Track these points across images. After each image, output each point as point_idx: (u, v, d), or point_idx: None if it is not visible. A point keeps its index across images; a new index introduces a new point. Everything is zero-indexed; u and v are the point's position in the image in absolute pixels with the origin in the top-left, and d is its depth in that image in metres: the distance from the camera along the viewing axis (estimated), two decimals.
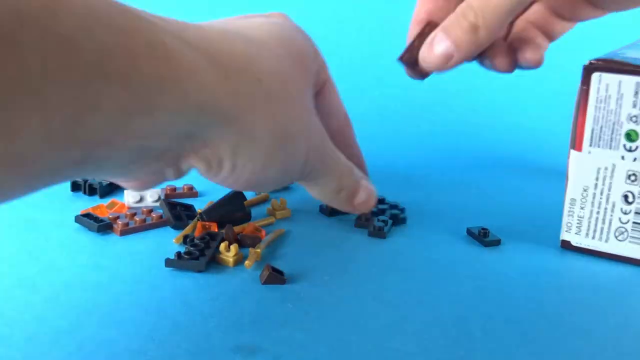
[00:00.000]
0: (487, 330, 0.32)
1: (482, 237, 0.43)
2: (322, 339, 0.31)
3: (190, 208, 0.46)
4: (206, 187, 0.53)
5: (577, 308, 0.35)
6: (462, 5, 0.36)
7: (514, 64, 0.39)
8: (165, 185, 0.51)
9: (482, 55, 0.38)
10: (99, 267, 0.38)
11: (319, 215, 0.48)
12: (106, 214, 0.44)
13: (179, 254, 0.38)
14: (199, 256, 0.38)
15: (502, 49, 0.39)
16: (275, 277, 0.36)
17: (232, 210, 0.45)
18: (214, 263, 0.39)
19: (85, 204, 0.47)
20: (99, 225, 0.42)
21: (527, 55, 0.38)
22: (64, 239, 0.41)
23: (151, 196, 0.47)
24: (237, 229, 0.43)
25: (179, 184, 0.52)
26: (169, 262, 0.37)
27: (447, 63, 0.36)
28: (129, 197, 0.47)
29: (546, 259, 0.42)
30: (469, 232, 0.45)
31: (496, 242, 0.43)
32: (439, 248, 0.43)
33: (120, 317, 0.32)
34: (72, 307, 0.33)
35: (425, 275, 0.38)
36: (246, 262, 0.38)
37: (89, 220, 0.43)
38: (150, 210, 0.45)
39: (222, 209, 0.44)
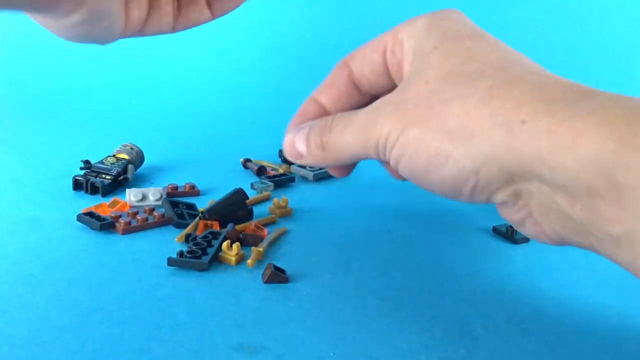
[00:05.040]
0: (489, 328, 0.33)
1: (511, 235, 0.44)
2: (324, 337, 0.31)
3: (192, 207, 0.46)
4: (208, 186, 0.53)
5: (604, 307, 0.36)
6: (328, 121, 0.37)
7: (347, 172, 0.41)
8: (166, 184, 0.51)
9: None
10: (101, 266, 0.38)
11: (320, 214, 0.48)
12: (108, 213, 0.44)
13: (181, 253, 0.38)
14: (201, 255, 0.38)
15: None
16: (277, 275, 0.36)
17: (234, 209, 0.45)
18: (216, 262, 0.39)
19: (87, 202, 0.47)
20: (102, 223, 0.42)
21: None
22: (66, 238, 0.41)
23: (153, 195, 0.47)
24: (239, 227, 0.43)
25: (181, 182, 0.52)
26: (171, 261, 0.38)
27: (296, 159, 0.38)
28: (131, 196, 0.47)
29: (573, 257, 0.42)
30: (496, 230, 0.45)
31: (525, 240, 0.44)
32: (454, 245, 0.43)
33: (123, 316, 0.32)
34: (75, 306, 0.33)
35: (429, 274, 0.38)
36: (248, 261, 0.38)
37: (91, 219, 0.43)
38: (153, 209, 0.45)
39: (224, 208, 0.44)
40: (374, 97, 0.40)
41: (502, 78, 0.32)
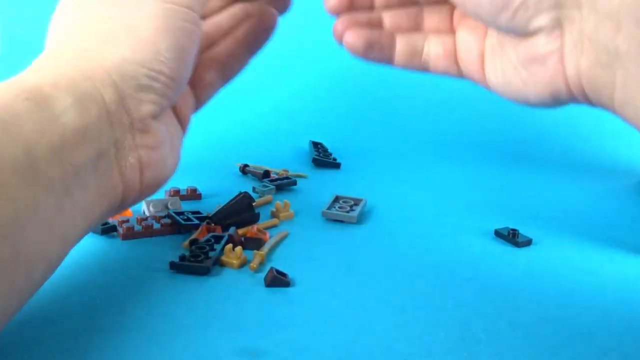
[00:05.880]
0: (491, 332, 0.33)
1: (513, 238, 0.44)
2: (326, 341, 0.31)
3: (198, 212, 0.46)
4: (210, 190, 0.53)
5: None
6: None
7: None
8: (168, 187, 0.51)
9: None
10: (103, 270, 0.38)
11: (322, 218, 0.48)
12: (116, 217, 0.44)
13: (183, 257, 0.38)
14: (203, 259, 0.38)
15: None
16: (279, 279, 0.36)
17: (241, 211, 0.45)
18: (218, 265, 0.39)
19: None
20: (103, 227, 0.42)
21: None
22: None
23: (172, 204, 0.47)
24: (241, 231, 0.43)
25: (183, 185, 0.52)
26: (173, 265, 0.38)
27: None
28: (151, 207, 0.46)
29: (576, 259, 0.42)
30: (498, 234, 0.45)
31: (528, 243, 0.44)
32: (455, 248, 0.43)
33: (124, 320, 0.32)
34: (76, 310, 0.33)
35: (430, 277, 0.38)
36: (250, 265, 0.38)
37: None
38: (161, 217, 0.45)
39: (232, 213, 0.44)
40: None
41: None
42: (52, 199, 0.28)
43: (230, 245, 0.39)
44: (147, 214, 0.46)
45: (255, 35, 0.45)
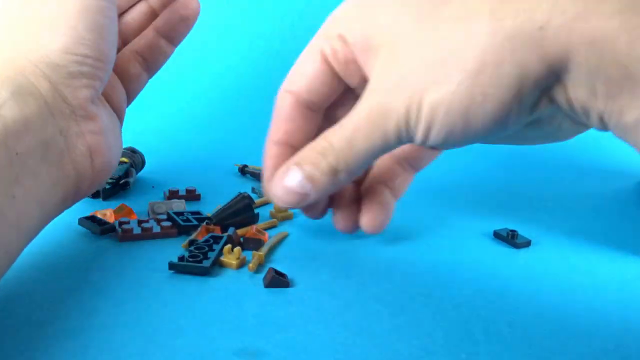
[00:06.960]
0: (490, 333, 0.33)
1: (512, 239, 0.43)
2: (325, 342, 0.31)
3: (198, 213, 0.46)
4: (209, 190, 0.53)
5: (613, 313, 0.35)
6: (321, 142, 0.33)
7: (354, 226, 0.37)
8: (167, 188, 0.51)
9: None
10: (101, 270, 0.38)
11: (321, 218, 0.47)
12: (117, 218, 0.44)
13: (182, 257, 0.38)
14: (202, 259, 0.38)
15: (346, 206, 0.37)
16: (279, 280, 0.36)
17: (240, 212, 0.45)
18: (217, 266, 0.39)
19: (88, 206, 0.47)
20: (102, 228, 0.42)
21: (365, 220, 0.37)
22: (66, 241, 0.41)
23: (177, 207, 0.47)
24: (240, 232, 0.43)
25: (182, 186, 0.52)
26: (172, 266, 0.38)
27: (301, 202, 0.33)
28: (154, 208, 0.46)
29: (573, 261, 0.42)
30: (497, 235, 0.45)
31: (527, 244, 0.44)
32: (454, 249, 0.43)
33: (123, 321, 0.32)
34: (75, 310, 0.33)
35: (429, 278, 0.38)
36: (249, 265, 0.38)
37: (92, 223, 0.43)
38: (160, 220, 0.44)
39: (232, 214, 0.44)
40: (327, 110, 0.37)
41: None
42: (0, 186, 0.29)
43: (229, 246, 0.39)
44: (150, 216, 0.46)
45: (173, 26, 0.45)
